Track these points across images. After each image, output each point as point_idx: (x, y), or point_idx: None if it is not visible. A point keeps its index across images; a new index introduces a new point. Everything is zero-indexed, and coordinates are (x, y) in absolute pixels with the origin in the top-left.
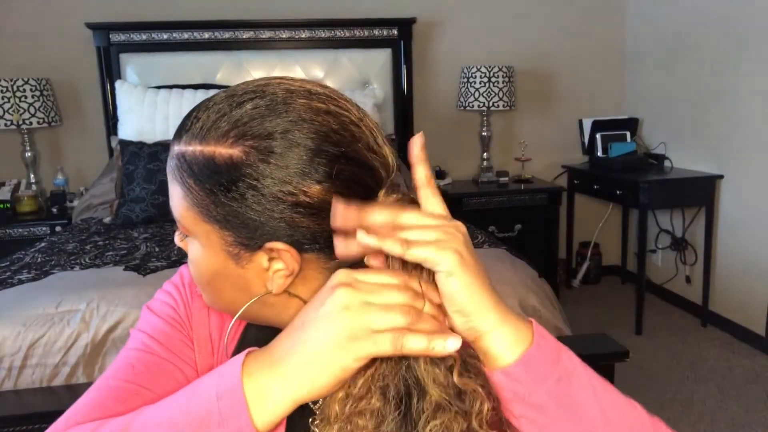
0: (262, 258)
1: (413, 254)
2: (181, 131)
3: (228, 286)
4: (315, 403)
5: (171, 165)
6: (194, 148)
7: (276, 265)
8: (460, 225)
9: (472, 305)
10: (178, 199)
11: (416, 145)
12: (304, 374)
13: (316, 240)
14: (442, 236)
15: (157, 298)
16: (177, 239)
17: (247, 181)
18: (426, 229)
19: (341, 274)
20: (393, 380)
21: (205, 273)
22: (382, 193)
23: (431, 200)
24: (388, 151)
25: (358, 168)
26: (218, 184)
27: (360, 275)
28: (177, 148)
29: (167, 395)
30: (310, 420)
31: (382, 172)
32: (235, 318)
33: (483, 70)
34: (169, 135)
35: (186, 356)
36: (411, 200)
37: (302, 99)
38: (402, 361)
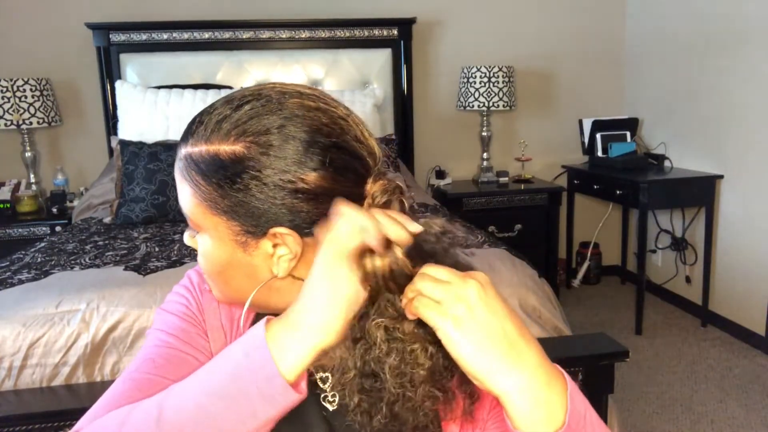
0: (267, 244)
1: (416, 312)
2: (187, 136)
3: (237, 274)
4: (324, 382)
5: (179, 166)
6: (200, 149)
7: (280, 250)
8: (472, 284)
9: (478, 369)
10: (187, 197)
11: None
12: (317, 327)
13: (314, 224)
14: (447, 297)
15: (169, 300)
16: (186, 238)
17: (250, 173)
18: (437, 285)
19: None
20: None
21: (216, 264)
22: (370, 180)
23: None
24: (373, 143)
25: (349, 157)
26: (224, 178)
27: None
28: (184, 151)
29: None
30: (322, 397)
31: (369, 161)
32: (247, 305)
33: (483, 70)
34: (169, 135)
35: (201, 347)
36: (396, 187)
37: (294, 98)
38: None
